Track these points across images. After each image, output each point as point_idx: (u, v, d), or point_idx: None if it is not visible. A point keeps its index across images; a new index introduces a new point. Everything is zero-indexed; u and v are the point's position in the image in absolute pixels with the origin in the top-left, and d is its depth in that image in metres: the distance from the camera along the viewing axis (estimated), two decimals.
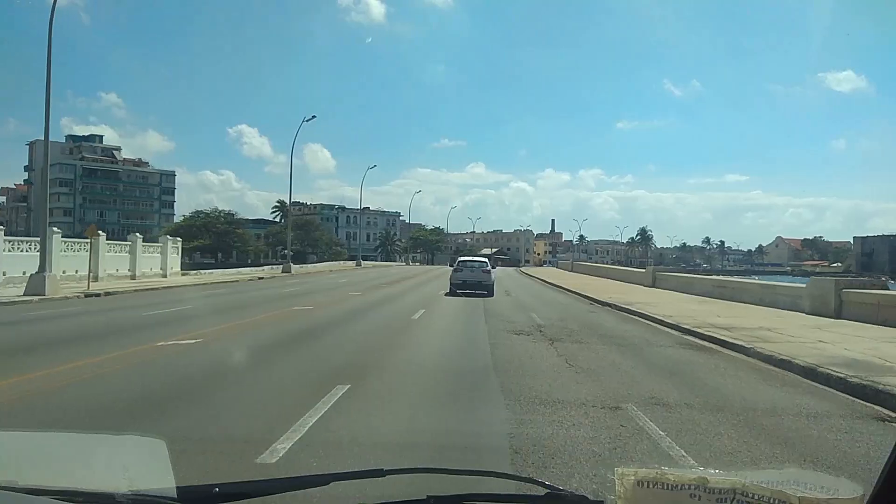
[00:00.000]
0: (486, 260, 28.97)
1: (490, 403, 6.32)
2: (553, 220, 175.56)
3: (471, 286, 24.98)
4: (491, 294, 24.70)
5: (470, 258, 30.92)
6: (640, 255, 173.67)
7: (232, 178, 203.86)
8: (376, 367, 8.35)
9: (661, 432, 5.24)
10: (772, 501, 0.92)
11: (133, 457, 1.40)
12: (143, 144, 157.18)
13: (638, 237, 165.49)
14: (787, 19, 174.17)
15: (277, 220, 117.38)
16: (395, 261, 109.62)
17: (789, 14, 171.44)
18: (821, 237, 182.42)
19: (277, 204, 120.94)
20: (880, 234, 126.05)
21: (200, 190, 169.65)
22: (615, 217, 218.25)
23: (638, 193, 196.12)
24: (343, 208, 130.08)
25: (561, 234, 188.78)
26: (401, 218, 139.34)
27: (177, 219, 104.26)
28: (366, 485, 1.47)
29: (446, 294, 24.71)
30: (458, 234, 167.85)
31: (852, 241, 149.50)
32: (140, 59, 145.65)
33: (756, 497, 0.93)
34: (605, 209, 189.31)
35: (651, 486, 0.97)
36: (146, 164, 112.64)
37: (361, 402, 6.19)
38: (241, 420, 5.56)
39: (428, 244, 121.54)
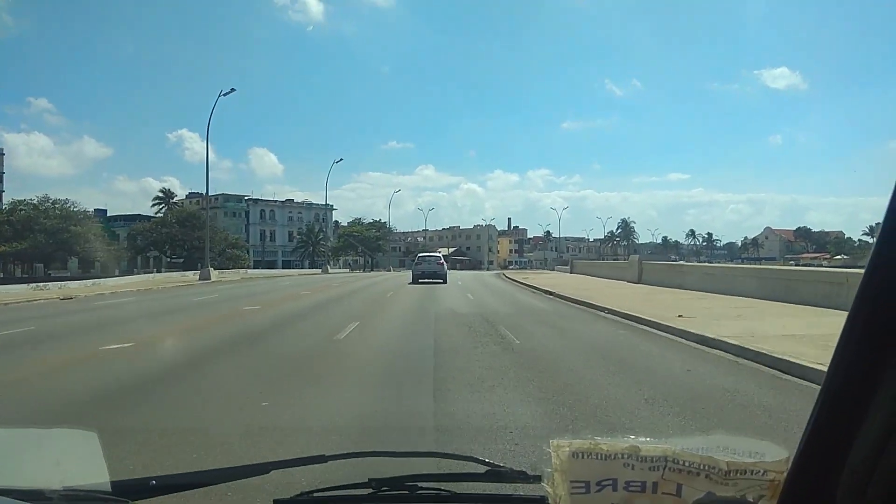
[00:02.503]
0: (440, 255, 35.47)
1: None
2: (510, 219, 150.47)
3: (429, 275, 30.41)
4: (445, 282, 29.66)
5: (428, 254, 37.46)
6: (612, 252, 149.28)
7: (176, 185, 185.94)
8: None
9: None
10: (702, 467, 0.92)
11: (64, 451, 1.29)
12: (80, 151, 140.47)
13: (619, 230, 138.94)
14: (722, 17, 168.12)
15: (161, 214, 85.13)
16: (325, 266, 79.96)
17: (724, 11, 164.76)
18: (806, 227, 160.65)
19: (161, 194, 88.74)
20: None
21: (143, 197, 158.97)
22: (566, 217, 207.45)
23: (586, 193, 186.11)
24: (255, 200, 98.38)
25: (526, 230, 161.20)
26: (334, 210, 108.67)
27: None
28: (307, 471, 1.37)
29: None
30: (408, 232, 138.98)
31: (873, 228, 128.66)
32: (71, 63, 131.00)
33: (687, 463, 0.93)
34: (554, 209, 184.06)
35: (585, 456, 0.96)
36: None
37: None
38: None
39: (367, 243, 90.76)
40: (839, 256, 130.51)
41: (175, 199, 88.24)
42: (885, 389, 0.72)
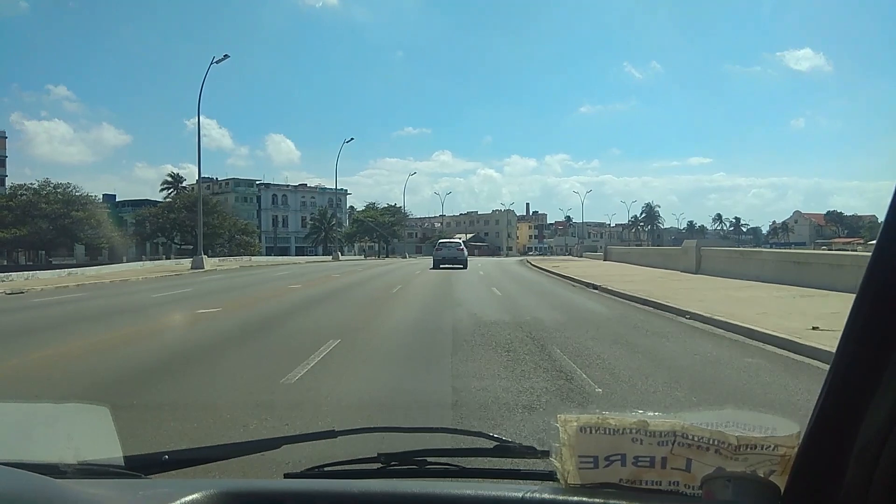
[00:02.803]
0: (460, 241, 35.36)
1: None
2: (528, 204, 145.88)
3: (449, 261, 30.39)
4: (465, 267, 29.57)
5: (448, 240, 37.35)
6: (635, 237, 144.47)
7: (195, 172, 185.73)
8: None
9: None
10: (711, 442, 0.92)
11: (76, 425, 1.31)
12: (99, 138, 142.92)
13: (643, 215, 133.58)
14: None
15: (170, 199, 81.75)
16: (340, 252, 76.36)
17: None
18: (837, 212, 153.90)
19: (169, 178, 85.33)
20: None
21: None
22: (584, 202, 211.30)
23: (605, 178, 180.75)
24: (267, 185, 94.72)
25: (545, 215, 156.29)
26: (348, 196, 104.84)
27: None
28: (318, 446, 1.38)
29: None
30: (425, 217, 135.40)
31: None
32: (88, 50, 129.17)
33: (696, 438, 0.92)
34: (573, 194, 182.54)
35: (593, 431, 0.96)
36: None
37: None
38: None
39: (382, 229, 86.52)
40: (874, 242, 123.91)
41: (184, 183, 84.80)
42: (895, 367, 0.73)
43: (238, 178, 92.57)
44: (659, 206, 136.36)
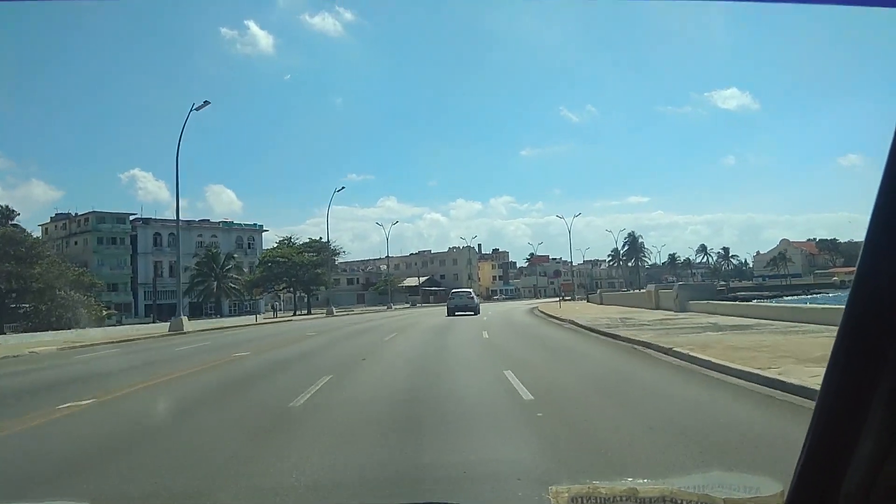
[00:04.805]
0: (471, 290, 40.35)
1: None
2: (480, 245, 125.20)
3: (461, 308, 33.79)
4: (477, 313, 32.74)
5: (460, 290, 40.21)
6: (607, 275, 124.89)
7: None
8: None
9: None
10: None
11: None
12: (28, 195, 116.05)
13: (626, 247, 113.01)
14: (670, 41, 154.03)
15: None
16: (177, 318, 51.25)
17: (671, 35, 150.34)
18: (833, 239, 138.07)
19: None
20: None
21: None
22: (526, 244, 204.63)
23: (550, 219, 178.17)
24: (146, 220, 69.36)
25: (507, 253, 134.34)
26: (264, 233, 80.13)
27: None
28: None
29: None
30: (368, 259, 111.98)
31: None
32: (11, 103, 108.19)
33: (685, 502, 0.93)
34: (518, 236, 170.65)
35: (585, 501, 0.95)
36: None
37: None
38: None
39: (301, 271, 61.56)
40: None
41: (16, 218, 58.72)
42: (873, 418, 0.71)
43: (101, 211, 66.80)
44: (642, 237, 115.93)
